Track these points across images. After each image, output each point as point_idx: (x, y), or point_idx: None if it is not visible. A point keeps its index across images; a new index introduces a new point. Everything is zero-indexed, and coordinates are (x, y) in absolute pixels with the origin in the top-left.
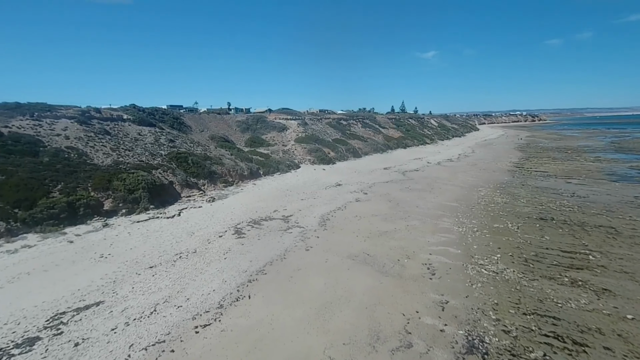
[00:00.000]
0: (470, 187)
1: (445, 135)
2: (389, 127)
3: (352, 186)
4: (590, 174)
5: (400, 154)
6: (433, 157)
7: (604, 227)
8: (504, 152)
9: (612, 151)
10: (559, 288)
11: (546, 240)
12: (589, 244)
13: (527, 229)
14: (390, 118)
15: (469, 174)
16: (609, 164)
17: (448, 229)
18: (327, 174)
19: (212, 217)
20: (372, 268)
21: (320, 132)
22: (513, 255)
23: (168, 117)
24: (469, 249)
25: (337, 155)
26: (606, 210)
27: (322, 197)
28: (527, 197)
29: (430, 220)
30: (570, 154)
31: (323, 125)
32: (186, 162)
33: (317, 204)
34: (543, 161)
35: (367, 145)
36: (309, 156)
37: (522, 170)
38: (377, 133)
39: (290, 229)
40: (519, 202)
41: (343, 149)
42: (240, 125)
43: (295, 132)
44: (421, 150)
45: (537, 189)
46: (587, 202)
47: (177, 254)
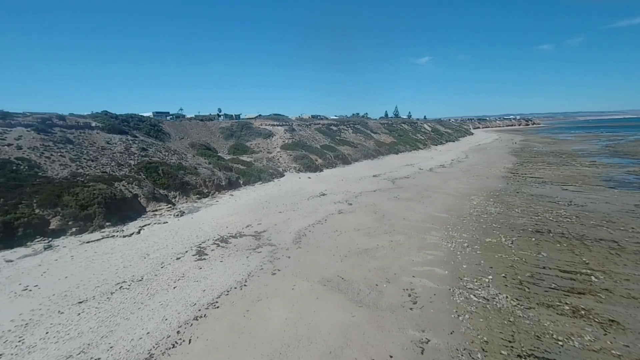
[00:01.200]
0: (462, 196)
1: (438, 140)
2: (381, 133)
3: (337, 196)
4: (586, 180)
5: (391, 160)
6: (425, 163)
7: (605, 240)
8: (498, 157)
9: (607, 155)
10: (558, 319)
11: (543, 257)
12: (590, 261)
13: (522, 243)
14: (383, 123)
15: (462, 181)
16: (605, 168)
17: (436, 244)
18: (312, 183)
19: (176, 234)
20: (345, 296)
21: (308, 139)
22: (506, 277)
23: (144, 124)
24: (457, 269)
25: (324, 162)
26: (606, 220)
27: (303, 208)
28: (522, 206)
29: (417, 235)
30: (565, 158)
31: (312, 131)
32: (156, 173)
33: (295, 217)
34: (538, 166)
35: (357, 151)
36: (295, 164)
37: (517, 176)
38: (368, 139)
39: (260, 248)
40: (513, 212)
41: (331, 156)
42: (224, 132)
43: (281, 139)
44: (413, 156)
45: (533, 196)
46: (585, 211)
47: (119, 283)
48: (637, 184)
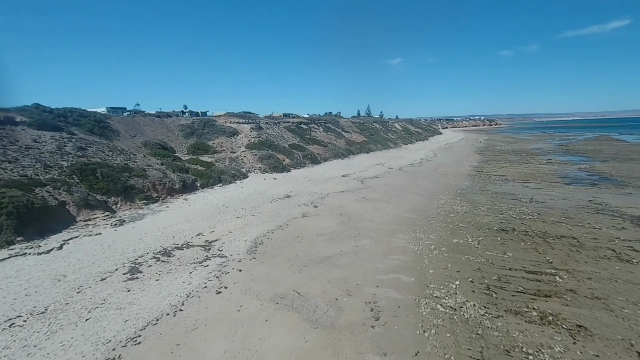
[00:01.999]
0: (430, 195)
1: (409, 139)
2: (352, 132)
3: (303, 198)
4: (545, 177)
5: (362, 159)
6: (395, 162)
7: (565, 237)
8: (464, 156)
9: (561, 153)
10: (527, 328)
11: (509, 257)
12: (553, 260)
13: (488, 243)
14: (354, 122)
15: (430, 180)
16: (560, 166)
17: (403, 248)
18: (277, 184)
19: (109, 248)
20: (300, 315)
21: (276, 137)
22: (474, 281)
23: (87, 120)
24: (424, 275)
25: (292, 162)
26: (565, 217)
27: (264, 212)
28: (487, 204)
29: (383, 238)
30: (525, 156)
31: (280, 129)
32: (94, 176)
33: (254, 222)
34: (501, 165)
35: (327, 150)
36: (260, 164)
37: (482, 174)
38: (339, 137)
39: (207, 261)
40: (479, 210)
41: (300, 155)
42: (183, 129)
43: (247, 138)
44: (384, 155)
45: (497, 194)
46: (545, 208)
47: (10, 319)
48: (589, 180)
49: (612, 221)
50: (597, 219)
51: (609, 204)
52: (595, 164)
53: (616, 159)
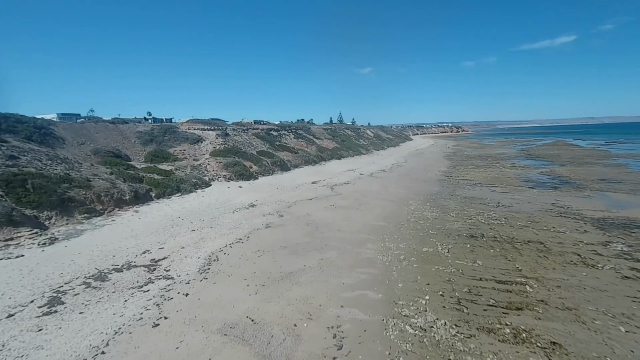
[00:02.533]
0: (400, 201)
1: (380, 145)
2: (324, 138)
3: (268, 207)
4: (510, 181)
5: (333, 165)
6: (367, 167)
7: (532, 242)
8: (434, 162)
9: (523, 158)
10: (501, 349)
11: (479, 266)
12: (522, 267)
13: (458, 251)
14: (326, 129)
15: (401, 186)
16: (523, 170)
17: (371, 259)
18: (242, 193)
19: (29, 274)
20: (251, 350)
21: (244, 144)
22: (444, 295)
23: (24, 126)
24: (392, 290)
25: (260, 169)
26: (531, 221)
27: (224, 224)
28: (456, 209)
29: (351, 249)
30: (491, 161)
31: (249, 136)
32: (23, 188)
33: (212, 235)
34: (468, 169)
35: (297, 157)
36: (225, 172)
37: (451, 179)
38: (310, 144)
39: (149, 284)
40: (448, 216)
41: (268, 162)
42: (141, 136)
43: (212, 145)
44: (356, 161)
45: (465, 199)
46: (512, 212)
47: None
48: (550, 184)
49: (575, 224)
50: (561, 222)
51: (571, 207)
52: (555, 167)
53: (573, 163)
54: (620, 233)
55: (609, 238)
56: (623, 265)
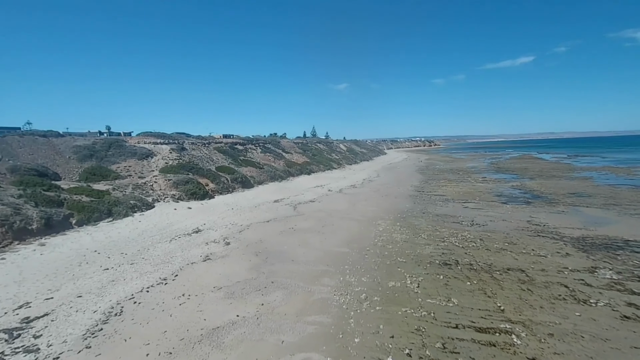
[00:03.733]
0: (368, 221)
1: (353, 159)
2: (294, 152)
3: (216, 232)
4: (482, 196)
5: (302, 181)
6: (337, 183)
7: (512, 270)
8: (406, 176)
9: (493, 171)
10: None
11: (454, 307)
12: (505, 306)
13: (429, 285)
14: (297, 142)
15: (370, 203)
16: (494, 184)
17: (325, 301)
18: (190, 215)
19: None
20: None
21: (202, 159)
22: (411, 354)
23: None
24: (346, 350)
25: (218, 187)
26: (508, 242)
27: (151, 258)
28: (428, 229)
29: (302, 287)
30: (462, 175)
31: (209, 150)
32: None
33: (128, 275)
34: (441, 184)
35: (262, 173)
36: (174, 190)
37: (423, 194)
38: (278, 159)
39: None
40: (419, 238)
41: (228, 179)
42: (79, 151)
43: (164, 160)
44: (326, 176)
45: (438, 217)
46: (487, 231)
47: None
48: (522, 198)
49: (554, 245)
50: (539, 243)
51: (547, 225)
52: (524, 181)
53: (542, 176)
54: (604, 256)
55: (594, 263)
56: (618, 300)
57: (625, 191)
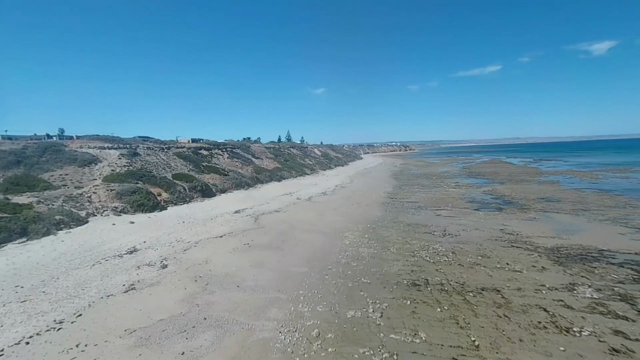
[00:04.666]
0: (335, 233)
1: (327, 164)
2: (264, 158)
3: (156, 251)
4: (455, 203)
5: (270, 188)
6: (307, 190)
7: (487, 290)
8: (380, 181)
9: (465, 176)
10: None
11: (422, 345)
12: (480, 340)
13: (394, 314)
14: (269, 147)
15: (340, 212)
16: (467, 189)
17: (266, 343)
18: (130, 231)
19: None
20: None
21: (158, 166)
22: None
23: None
24: None
25: (172, 196)
26: (481, 255)
27: (54, 291)
28: (398, 242)
29: (242, 324)
30: (435, 180)
31: (167, 156)
32: None
33: (8, 320)
34: (414, 190)
35: (227, 180)
36: (118, 202)
37: (395, 201)
38: (246, 164)
39: None
40: (388, 252)
41: (185, 187)
42: (2, 157)
43: (110, 167)
44: (297, 183)
45: (409, 227)
46: (460, 243)
47: None
48: (494, 204)
49: (529, 258)
50: (514, 255)
51: (520, 234)
52: (495, 186)
53: (511, 181)
54: (581, 269)
55: (572, 278)
56: (603, 327)
57: (591, 195)
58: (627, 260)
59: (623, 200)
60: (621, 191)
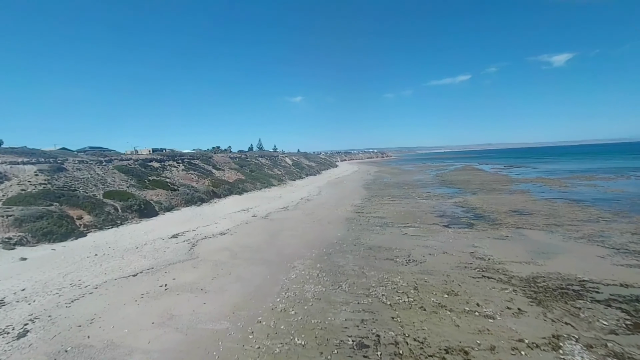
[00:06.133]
0: (282, 263)
1: (298, 174)
2: (227, 169)
3: (29, 305)
4: (424, 218)
5: (227, 203)
6: (267, 205)
7: (452, 353)
8: (350, 192)
9: (438, 184)
10: None
11: None
12: None
13: None
14: (234, 157)
15: (296, 232)
16: (437, 200)
17: None
18: (12, 273)
19: None
20: None
21: (89, 182)
22: None
23: None
24: None
25: (98, 219)
26: (448, 292)
27: None
28: (353, 273)
29: None
30: (407, 190)
31: (105, 170)
32: None
33: None
34: (384, 201)
35: (175, 196)
36: (15, 231)
37: (361, 216)
38: (203, 177)
39: None
40: (338, 292)
41: (118, 208)
42: None
43: (21, 186)
44: (260, 196)
45: (370, 251)
46: (425, 273)
47: None
48: (465, 219)
49: (503, 294)
50: (485, 291)
51: (492, 258)
52: (467, 196)
53: (483, 190)
54: (564, 312)
55: (555, 327)
56: None
57: (562, 206)
58: (613, 296)
59: (595, 213)
60: (591, 201)
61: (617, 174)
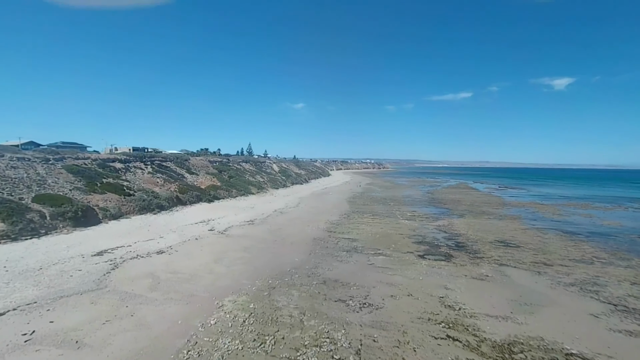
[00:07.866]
0: (206, 301)
1: (283, 182)
2: (203, 173)
3: None
4: (400, 243)
5: (189, 212)
6: (234, 217)
7: None
8: (331, 206)
9: (426, 203)
10: None
11: None
12: None
13: None
14: (214, 161)
15: (246, 255)
16: (421, 222)
17: None
18: None
19: None
20: None
21: (20, 183)
22: None
23: None
24: None
25: (14, 228)
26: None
27: None
28: (288, 322)
29: None
30: (392, 206)
31: (49, 170)
32: None
33: None
34: (363, 219)
35: (129, 202)
36: None
37: (331, 236)
38: (171, 181)
39: None
40: (255, 356)
41: (47, 214)
42: None
43: None
44: (231, 205)
45: (323, 287)
46: (375, 328)
47: None
48: (444, 248)
49: None
50: None
51: (464, 308)
52: (453, 218)
53: (472, 212)
54: None
55: None
56: None
57: (554, 239)
58: None
59: (589, 251)
60: (585, 235)
61: (614, 204)
